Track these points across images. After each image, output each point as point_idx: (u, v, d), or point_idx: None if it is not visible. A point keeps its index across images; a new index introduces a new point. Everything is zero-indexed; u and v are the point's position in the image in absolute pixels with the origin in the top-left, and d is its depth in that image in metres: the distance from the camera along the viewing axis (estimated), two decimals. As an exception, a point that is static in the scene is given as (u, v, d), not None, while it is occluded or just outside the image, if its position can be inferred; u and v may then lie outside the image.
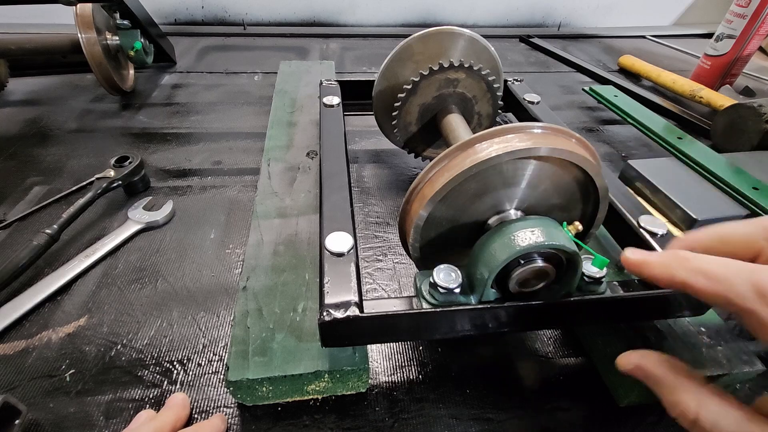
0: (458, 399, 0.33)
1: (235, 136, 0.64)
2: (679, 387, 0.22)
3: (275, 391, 0.31)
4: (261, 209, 0.44)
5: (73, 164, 0.57)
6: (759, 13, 0.74)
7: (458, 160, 0.28)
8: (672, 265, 0.21)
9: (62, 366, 0.34)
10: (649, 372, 0.23)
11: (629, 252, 0.23)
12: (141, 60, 0.72)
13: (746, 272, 0.19)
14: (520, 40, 1.09)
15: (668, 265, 0.21)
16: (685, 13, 1.27)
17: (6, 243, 0.45)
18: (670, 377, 0.23)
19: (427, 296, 0.29)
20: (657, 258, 0.22)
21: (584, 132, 0.71)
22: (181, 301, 0.40)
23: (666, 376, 0.23)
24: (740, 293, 0.19)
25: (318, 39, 1.03)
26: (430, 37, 0.47)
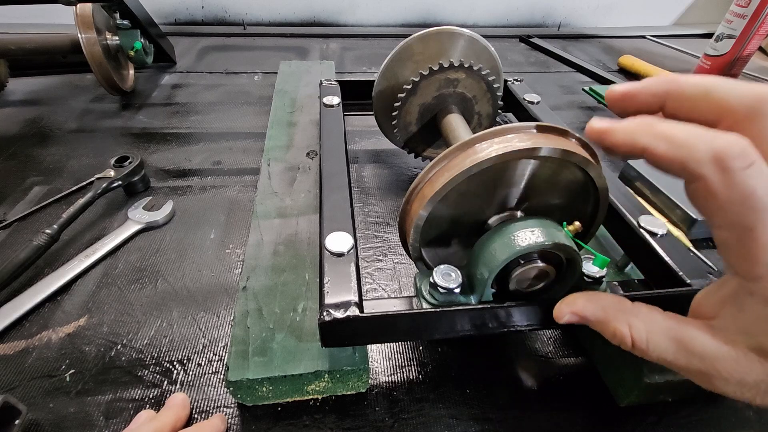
0: (458, 399, 0.33)
1: (235, 136, 0.64)
2: (610, 319, 0.23)
3: (275, 391, 0.31)
4: (261, 209, 0.44)
5: (73, 164, 0.57)
6: (759, 13, 0.74)
7: (458, 160, 0.28)
8: (636, 131, 0.20)
9: (62, 366, 0.34)
10: (581, 314, 0.25)
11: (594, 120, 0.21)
12: (141, 60, 0.72)
13: (709, 138, 0.18)
14: (520, 40, 1.09)
15: (632, 131, 0.20)
16: (685, 13, 1.27)
17: (6, 243, 0.45)
18: (599, 313, 0.24)
19: (427, 296, 0.29)
20: (622, 124, 0.20)
21: (584, 132, 0.71)
22: (181, 301, 0.40)
23: (596, 313, 0.24)
24: (697, 158, 0.18)
25: (318, 39, 1.03)
26: (430, 37, 0.47)
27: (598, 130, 0.21)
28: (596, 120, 0.21)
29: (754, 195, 0.17)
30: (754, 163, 0.17)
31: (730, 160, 0.17)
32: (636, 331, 0.23)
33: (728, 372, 0.20)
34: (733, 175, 0.17)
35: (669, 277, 0.32)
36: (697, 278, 0.31)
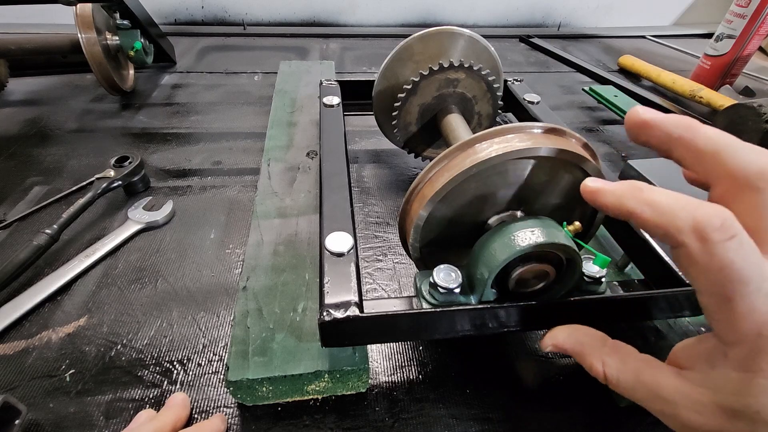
0: (458, 399, 0.33)
1: (235, 136, 0.64)
2: (587, 353, 0.25)
3: (275, 391, 0.31)
4: (261, 209, 0.44)
5: (73, 164, 0.57)
6: (759, 13, 0.74)
7: (458, 160, 0.28)
8: (624, 195, 0.21)
9: (62, 366, 0.34)
10: (561, 348, 0.27)
11: (589, 180, 0.23)
12: (141, 60, 0.72)
13: (691, 208, 0.19)
14: (520, 40, 1.09)
15: (621, 194, 0.21)
16: (685, 13, 1.27)
17: (6, 243, 0.45)
18: (578, 347, 0.26)
19: (427, 296, 0.29)
20: (612, 187, 0.22)
21: (584, 132, 0.71)
22: (181, 301, 0.40)
23: (575, 347, 0.26)
24: (679, 226, 0.19)
25: (318, 39, 1.03)
26: (430, 37, 0.47)
27: (591, 190, 0.23)
28: (591, 180, 0.23)
29: (732, 267, 0.18)
30: (735, 236, 0.18)
31: (709, 232, 0.18)
32: (609, 369, 0.24)
33: (689, 419, 0.21)
34: (712, 246, 0.18)
35: (669, 277, 0.32)
36: (697, 278, 0.31)
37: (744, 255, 0.18)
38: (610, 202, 0.22)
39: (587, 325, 0.36)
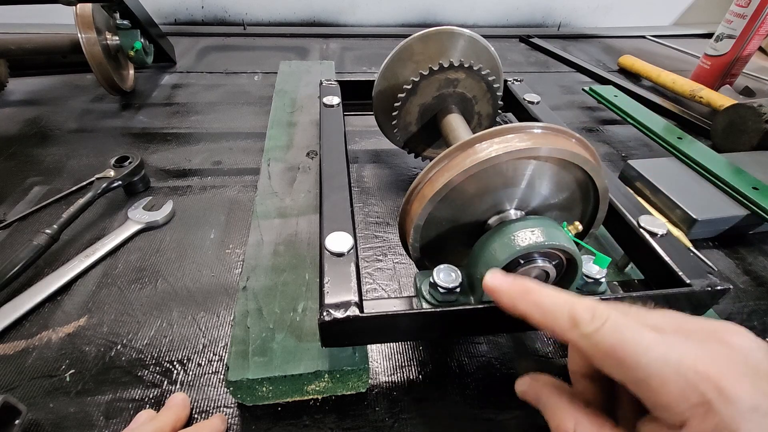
0: (458, 399, 0.33)
1: (235, 136, 0.64)
2: (559, 407, 0.23)
3: (275, 391, 0.31)
4: (261, 209, 0.44)
5: (73, 164, 0.57)
6: (759, 13, 0.74)
7: (458, 160, 0.28)
8: (516, 298, 0.23)
9: (62, 366, 0.34)
10: (537, 391, 0.25)
11: (489, 275, 0.24)
12: (141, 60, 0.72)
13: (567, 307, 0.21)
14: (520, 40, 1.09)
15: (513, 297, 0.23)
16: (685, 13, 1.27)
17: (6, 243, 0.45)
18: (552, 399, 0.24)
19: (427, 296, 0.29)
20: (506, 288, 0.23)
21: (584, 132, 0.71)
22: (181, 301, 0.40)
23: (549, 399, 0.24)
24: (561, 325, 0.20)
25: (318, 39, 1.03)
26: (430, 37, 0.47)
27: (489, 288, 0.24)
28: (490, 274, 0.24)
29: (614, 350, 0.19)
30: (606, 321, 0.19)
31: (583, 325, 0.20)
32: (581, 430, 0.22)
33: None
34: (590, 337, 0.19)
35: (669, 277, 0.32)
36: (697, 278, 0.31)
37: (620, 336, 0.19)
38: (505, 302, 0.23)
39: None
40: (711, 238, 0.50)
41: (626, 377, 0.19)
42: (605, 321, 0.20)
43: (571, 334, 0.20)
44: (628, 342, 0.19)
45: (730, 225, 0.48)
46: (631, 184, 0.55)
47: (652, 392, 0.18)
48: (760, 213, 0.47)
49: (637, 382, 0.19)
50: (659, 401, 0.18)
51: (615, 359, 0.19)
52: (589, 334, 0.20)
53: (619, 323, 0.19)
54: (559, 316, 0.21)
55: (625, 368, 0.19)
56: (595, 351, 0.20)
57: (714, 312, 0.37)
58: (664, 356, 0.18)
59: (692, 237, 0.48)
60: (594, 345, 0.19)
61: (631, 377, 0.19)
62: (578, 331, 0.20)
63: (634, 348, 0.19)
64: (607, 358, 0.19)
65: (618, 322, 0.20)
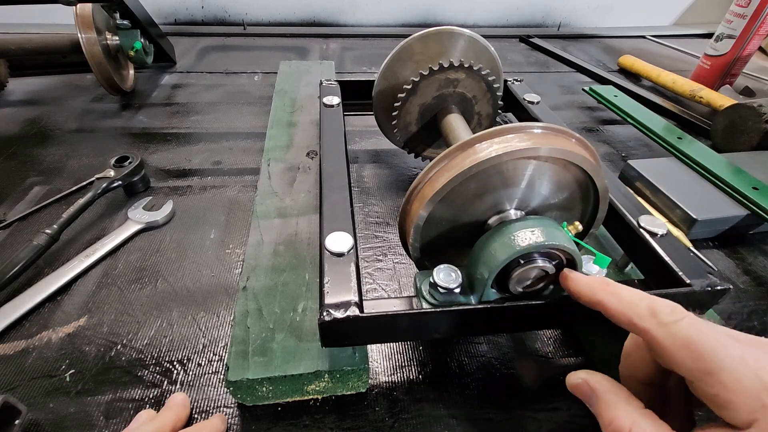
0: (458, 399, 0.33)
1: (235, 136, 0.64)
2: (617, 404, 0.23)
3: (275, 391, 0.31)
4: (261, 209, 0.44)
5: (73, 164, 0.57)
6: (759, 13, 0.74)
7: (458, 160, 0.28)
8: (595, 287, 0.25)
9: (62, 366, 0.34)
10: (593, 386, 0.24)
11: (567, 270, 0.28)
12: (141, 60, 0.72)
13: (648, 299, 0.22)
14: (520, 40, 1.09)
15: (592, 286, 0.25)
16: (685, 13, 1.27)
17: (6, 243, 0.45)
18: (610, 394, 0.23)
19: (427, 296, 0.29)
20: (586, 279, 0.26)
21: (584, 132, 0.71)
22: (181, 301, 0.40)
23: (607, 392, 0.24)
24: (639, 314, 0.22)
25: (318, 39, 1.03)
26: (430, 37, 0.47)
27: (570, 278, 0.27)
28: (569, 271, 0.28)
29: (692, 341, 0.20)
30: (685, 317, 0.21)
31: (663, 315, 0.21)
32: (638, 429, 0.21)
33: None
34: (669, 327, 0.20)
35: (669, 277, 0.32)
36: (697, 278, 0.31)
37: (699, 330, 0.20)
38: (584, 291, 0.26)
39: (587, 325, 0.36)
40: (711, 238, 0.50)
41: (698, 369, 0.19)
42: (685, 317, 0.21)
43: (649, 322, 0.21)
44: (706, 336, 0.20)
45: (730, 225, 0.48)
46: (631, 184, 0.55)
47: (722, 388, 0.19)
48: (760, 213, 0.47)
49: (709, 376, 0.19)
50: (729, 398, 0.19)
51: (690, 351, 0.19)
52: (667, 324, 0.21)
53: (699, 321, 0.20)
54: (638, 305, 0.22)
55: (700, 361, 0.19)
56: (672, 340, 0.20)
57: (714, 312, 0.37)
58: (741, 356, 0.19)
59: (692, 237, 0.48)
60: (671, 334, 0.20)
61: (704, 370, 0.19)
62: (657, 320, 0.21)
63: (713, 343, 0.19)
64: (683, 350, 0.20)
65: (697, 320, 0.20)
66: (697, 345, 0.19)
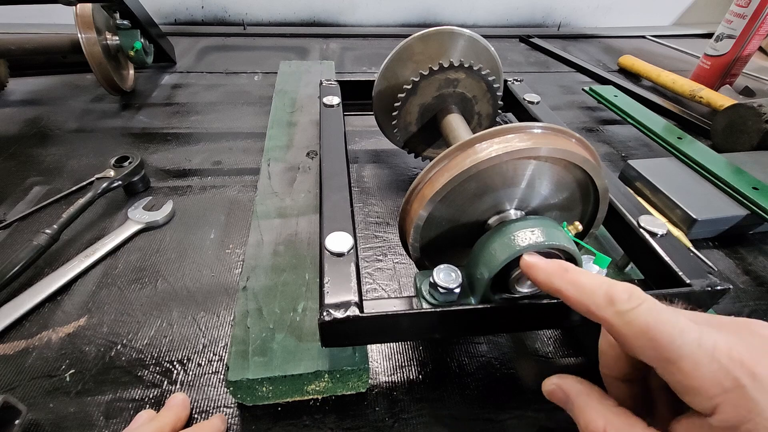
0: (458, 399, 0.33)
1: (235, 136, 0.64)
2: (589, 406, 0.22)
3: (275, 391, 0.31)
4: (261, 209, 0.44)
5: (73, 164, 0.57)
6: (759, 13, 0.74)
7: (458, 160, 0.28)
8: (553, 274, 0.24)
9: (62, 366, 0.34)
10: (566, 390, 0.24)
11: (527, 255, 0.26)
12: (141, 60, 0.72)
13: (606, 286, 0.21)
14: (520, 40, 1.09)
15: (550, 273, 0.24)
16: (685, 13, 1.27)
17: (6, 243, 0.45)
18: (582, 396, 0.23)
19: (427, 296, 0.29)
20: (544, 265, 0.25)
21: (584, 132, 0.71)
22: (181, 301, 0.40)
23: (579, 395, 0.23)
24: (597, 302, 0.21)
25: (318, 39, 1.03)
26: (430, 37, 0.47)
27: (527, 264, 0.25)
28: (528, 255, 0.26)
29: (649, 329, 0.19)
30: (642, 302, 0.20)
31: (620, 303, 0.20)
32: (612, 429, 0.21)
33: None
34: (625, 315, 0.20)
35: (669, 277, 0.32)
36: (697, 278, 0.31)
37: (656, 317, 0.19)
38: (541, 278, 0.24)
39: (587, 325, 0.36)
40: (711, 238, 0.50)
41: (658, 358, 0.19)
42: (642, 302, 0.20)
43: (606, 311, 0.21)
44: (663, 323, 0.19)
45: (730, 225, 0.48)
46: (631, 184, 0.55)
47: (683, 375, 0.18)
48: (760, 213, 0.47)
49: (669, 364, 0.19)
50: (691, 384, 0.18)
51: (648, 339, 0.19)
52: (624, 312, 0.20)
53: (656, 306, 0.20)
54: (595, 293, 0.21)
55: (658, 348, 0.19)
56: (629, 330, 0.20)
57: (714, 312, 0.36)
58: (698, 340, 0.18)
59: (692, 237, 0.48)
60: (628, 323, 0.20)
61: (663, 358, 0.19)
62: (613, 309, 0.20)
63: (669, 329, 0.19)
64: (641, 338, 0.19)
65: (655, 305, 0.20)
66: (654, 332, 0.19)
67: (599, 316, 0.21)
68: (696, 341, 0.18)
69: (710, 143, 0.66)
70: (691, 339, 0.18)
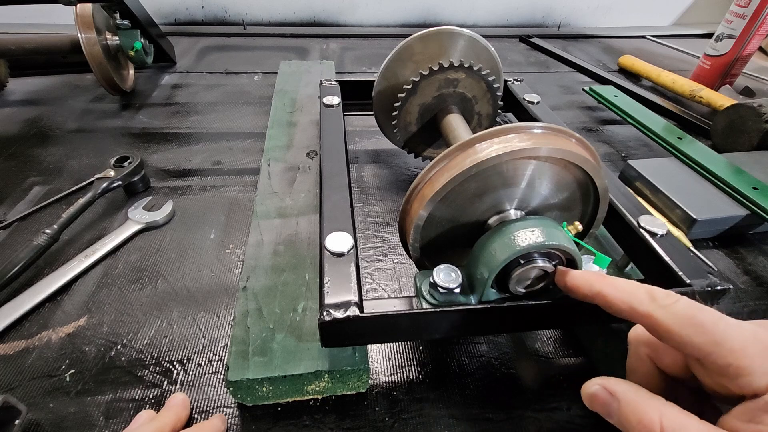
0: (458, 399, 0.33)
1: (235, 136, 0.64)
2: (641, 401, 0.22)
3: (275, 391, 0.31)
4: (261, 209, 0.44)
5: (73, 164, 0.57)
6: (759, 13, 0.74)
7: (458, 160, 0.28)
8: (592, 279, 0.25)
9: (62, 366, 0.34)
10: (613, 389, 0.23)
11: (561, 268, 0.28)
12: (141, 60, 0.72)
13: (644, 286, 0.23)
14: (520, 40, 1.09)
15: (589, 279, 0.26)
16: (685, 13, 1.27)
17: (6, 243, 0.45)
18: (632, 393, 0.22)
19: (427, 296, 0.29)
20: (582, 273, 0.27)
21: (584, 132, 0.71)
22: (181, 301, 0.40)
23: (628, 392, 0.23)
24: (639, 299, 0.23)
25: (318, 39, 1.03)
26: (430, 37, 0.47)
27: (564, 271, 0.27)
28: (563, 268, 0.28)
29: (695, 317, 0.21)
30: (682, 298, 0.22)
31: (661, 299, 0.22)
32: (668, 420, 0.20)
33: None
34: (671, 308, 0.21)
35: (669, 277, 0.32)
36: (697, 278, 0.31)
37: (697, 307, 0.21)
38: (582, 284, 0.26)
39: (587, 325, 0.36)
40: (711, 238, 0.50)
41: (707, 342, 0.20)
42: (680, 298, 0.22)
43: (650, 306, 0.22)
44: (705, 312, 0.21)
45: (730, 225, 0.48)
46: (631, 184, 0.55)
47: (734, 356, 0.19)
48: (760, 213, 0.47)
49: (718, 347, 0.20)
50: (742, 364, 0.19)
51: (696, 325, 0.20)
52: (668, 305, 0.22)
53: (693, 302, 0.22)
54: (637, 291, 0.23)
55: (707, 333, 0.20)
56: (675, 320, 0.21)
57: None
58: (738, 325, 0.20)
59: (692, 237, 0.48)
60: (674, 314, 0.21)
61: (712, 341, 0.20)
62: (657, 304, 0.22)
63: (713, 317, 0.20)
64: (688, 326, 0.21)
65: (692, 301, 0.22)
66: (700, 319, 0.20)
67: (643, 311, 0.22)
68: (738, 324, 0.20)
69: (710, 143, 0.66)
70: (733, 323, 0.20)
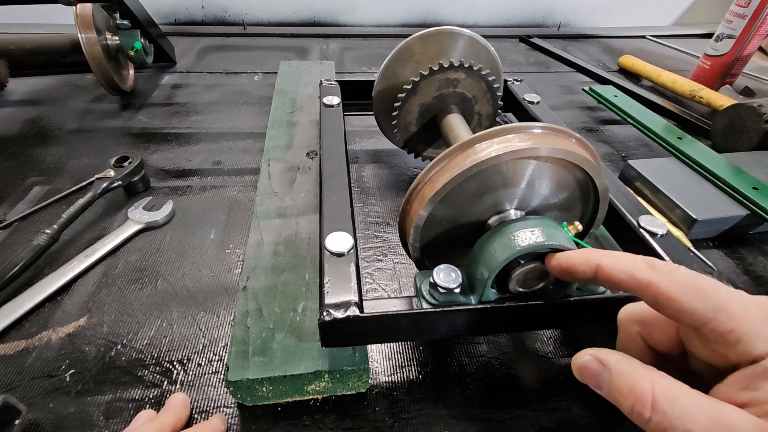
0: (458, 399, 0.33)
1: (235, 136, 0.64)
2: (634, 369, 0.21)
3: (275, 391, 0.31)
4: (261, 209, 0.44)
5: (73, 164, 0.57)
6: (759, 13, 0.74)
7: (458, 160, 0.28)
8: (586, 254, 0.25)
9: (62, 366, 0.34)
10: (604, 359, 0.22)
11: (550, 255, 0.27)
12: (141, 60, 0.72)
13: (641, 256, 0.23)
14: (520, 40, 1.09)
15: (583, 254, 0.25)
16: (685, 13, 1.27)
17: (6, 243, 0.45)
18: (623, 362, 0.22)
19: (427, 296, 0.29)
20: (574, 251, 0.26)
21: (584, 132, 0.71)
22: (181, 301, 0.40)
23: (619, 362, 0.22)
24: (638, 267, 0.22)
25: (318, 39, 1.03)
26: (430, 37, 0.47)
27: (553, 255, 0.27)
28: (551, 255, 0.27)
29: (696, 282, 0.20)
30: (679, 266, 0.22)
31: (661, 266, 0.22)
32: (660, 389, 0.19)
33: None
34: (670, 274, 0.21)
35: (669, 277, 0.32)
36: (697, 278, 0.31)
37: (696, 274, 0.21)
38: (577, 260, 0.25)
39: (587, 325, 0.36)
40: (711, 238, 0.50)
41: (708, 308, 0.20)
42: (679, 267, 0.22)
43: (649, 273, 0.22)
44: (704, 279, 0.21)
45: (730, 225, 0.48)
46: (631, 184, 0.55)
47: (735, 321, 0.19)
48: (760, 213, 0.47)
49: (719, 312, 0.20)
50: (743, 329, 0.19)
51: (697, 290, 0.20)
52: (668, 272, 0.22)
53: (692, 270, 0.21)
54: (636, 260, 0.23)
55: (708, 298, 0.20)
56: (676, 285, 0.21)
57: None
58: (738, 293, 0.20)
59: (692, 237, 0.48)
60: (675, 280, 0.21)
61: (713, 306, 0.20)
62: (657, 271, 0.22)
63: (712, 282, 0.20)
64: (688, 291, 0.20)
65: (690, 270, 0.22)
66: (701, 285, 0.20)
67: (643, 279, 0.22)
68: (738, 292, 0.20)
69: (710, 143, 0.66)
70: (733, 290, 0.20)
